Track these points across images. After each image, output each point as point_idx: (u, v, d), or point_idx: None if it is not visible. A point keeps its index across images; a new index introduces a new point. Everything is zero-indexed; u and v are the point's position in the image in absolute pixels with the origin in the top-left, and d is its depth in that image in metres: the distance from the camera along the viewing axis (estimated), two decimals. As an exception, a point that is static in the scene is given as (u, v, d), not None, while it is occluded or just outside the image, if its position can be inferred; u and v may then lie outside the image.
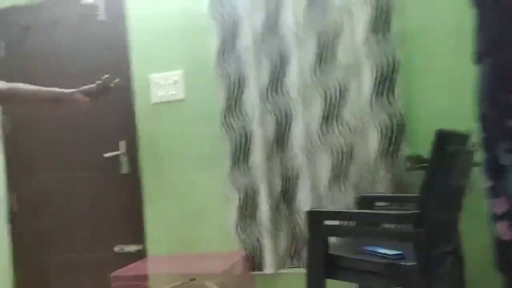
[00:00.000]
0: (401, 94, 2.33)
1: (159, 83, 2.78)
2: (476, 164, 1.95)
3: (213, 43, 2.62)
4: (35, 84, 1.93)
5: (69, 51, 3.02)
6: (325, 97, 2.45)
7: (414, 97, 2.37)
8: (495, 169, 0.92)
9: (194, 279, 2.48)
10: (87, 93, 1.83)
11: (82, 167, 3.01)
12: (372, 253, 1.80)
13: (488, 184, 0.95)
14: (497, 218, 0.93)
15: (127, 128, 2.89)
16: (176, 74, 2.76)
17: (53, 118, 3.05)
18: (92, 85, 1.84)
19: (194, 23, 2.71)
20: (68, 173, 3.04)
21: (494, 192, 0.93)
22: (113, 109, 2.88)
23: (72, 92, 1.82)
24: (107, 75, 1.83)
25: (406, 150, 2.32)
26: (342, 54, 2.41)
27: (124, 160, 2.90)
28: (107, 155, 2.88)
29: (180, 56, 2.76)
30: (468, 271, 2.03)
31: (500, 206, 0.93)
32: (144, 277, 2.54)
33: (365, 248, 1.85)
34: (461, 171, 1.74)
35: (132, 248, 2.89)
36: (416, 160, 2.16)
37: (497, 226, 0.93)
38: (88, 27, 2.98)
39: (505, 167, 0.90)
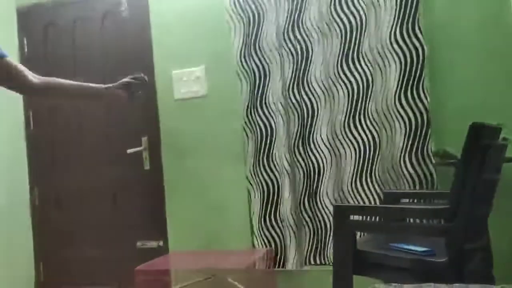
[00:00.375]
0: (428, 89, 2.30)
1: (182, 79, 2.78)
2: (507, 159, 1.92)
3: (235, 39, 2.62)
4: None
5: (93, 48, 3.05)
6: (350, 92, 2.43)
7: (441, 93, 2.34)
8: None
9: (214, 275, 2.48)
10: (122, 87, 1.83)
11: (104, 163, 3.03)
12: (399, 249, 1.78)
13: None
14: None
15: (149, 124, 2.91)
16: (198, 70, 2.76)
17: (76, 114, 3.08)
18: (125, 80, 1.84)
19: (216, 19, 2.71)
20: (91, 169, 3.07)
21: None
22: (135, 105, 2.89)
23: (107, 87, 1.82)
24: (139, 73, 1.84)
25: (432, 146, 2.29)
26: (368, 49, 2.39)
27: (146, 156, 2.92)
28: (129, 151, 2.89)
29: (203, 52, 2.76)
30: (497, 268, 2.00)
31: None
32: (167, 272, 2.54)
33: (391, 244, 1.83)
34: (493, 166, 1.72)
35: (154, 243, 2.91)
36: (443, 156, 2.13)
37: None
38: (112, 23, 3.00)
39: None
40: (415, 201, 2.27)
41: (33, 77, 1.74)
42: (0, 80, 1.71)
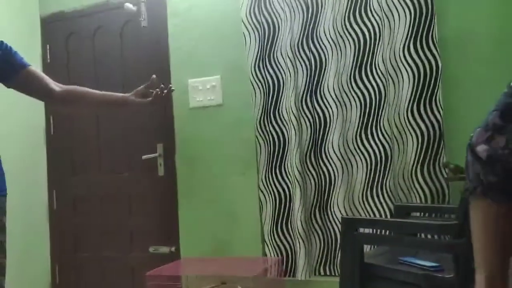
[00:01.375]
0: (442, 102, 2.29)
1: (197, 87, 2.83)
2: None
3: (250, 49, 2.66)
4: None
5: (112, 56, 3.13)
6: (363, 104, 2.44)
7: (455, 106, 2.32)
8: None
9: (225, 283, 2.50)
10: (143, 94, 1.83)
11: (120, 168, 3.10)
12: (408, 263, 1.77)
13: None
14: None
15: (165, 131, 2.96)
16: (214, 80, 2.80)
17: (94, 120, 3.16)
18: (139, 88, 1.84)
19: (232, 29, 2.75)
20: (107, 174, 3.14)
21: None
22: (152, 112, 2.95)
23: (129, 95, 1.83)
24: (153, 76, 1.83)
25: (445, 160, 2.27)
26: (381, 60, 2.39)
27: (161, 162, 2.97)
28: (145, 157, 2.95)
29: (218, 62, 2.81)
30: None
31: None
32: (178, 278, 2.58)
33: (400, 258, 1.83)
34: (503, 183, 1.70)
35: (166, 249, 2.95)
36: (455, 170, 2.11)
37: None
38: (131, 33, 3.07)
39: None
40: (426, 215, 2.26)
41: (55, 85, 1.77)
42: (24, 89, 1.76)
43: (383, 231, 2.14)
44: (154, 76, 1.82)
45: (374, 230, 2.18)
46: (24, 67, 1.71)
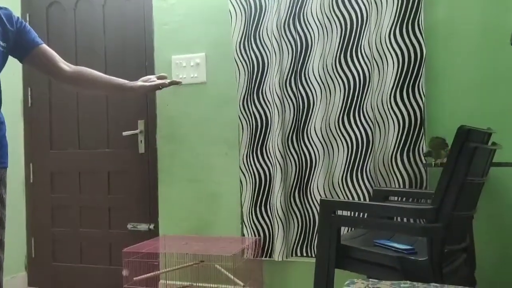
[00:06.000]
0: (424, 89, 2.30)
1: (181, 64, 2.79)
2: (495, 164, 1.93)
3: (236, 27, 2.63)
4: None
5: (94, 29, 3.06)
6: (347, 88, 2.44)
7: (437, 93, 2.34)
8: None
9: (203, 261, 2.51)
10: (145, 80, 1.87)
11: (100, 144, 3.06)
12: (383, 246, 1.80)
13: None
14: None
15: (146, 108, 2.92)
16: (198, 57, 2.77)
17: (74, 93, 3.09)
18: (149, 76, 1.88)
19: (218, 7, 2.70)
20: (86, 149, 3.10)
21: None
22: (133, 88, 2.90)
23: (133, 82, 1.87)
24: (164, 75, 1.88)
25: (425, 146, 2.30)
26: (367, 45, 2.39)
27: (141, 139, 2.93)
28: (125, 133, 2.91)
29: (203, 39, 2.77)
30: (479, 270, 2.02)
31: None
32: (155, 255, 2.57)
33: (375, 241, 1.86)
34: (479, 169, 1.73)
35: (144, 226, 2.94)
36: (440, 145, 2.10)
37: None
38: (115, 5, 3.00)
39: None
40: (404, 199, 2.29)
41: (65, 65, 1.82)
42: (35, 66, 1.82)
43: (361, 214, 2.16)
44: (165, 74, 1.89)
45: (352, 213, 2.20)
46: (37, 45, 1.75)
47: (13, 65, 1.81)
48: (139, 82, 1.87)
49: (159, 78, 1.86)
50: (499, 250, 2.26)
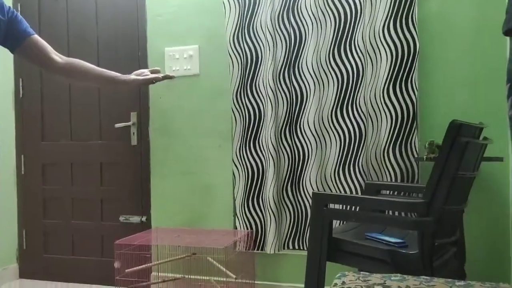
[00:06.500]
0: (417, 83, 2.31)
1: (174, 56, 2.78)
2: (486, 158, 1.95)
3: (230, 19, 2.61)
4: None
5: (87, 19, 3.02)
6: (340, 81, 2.44)
7: (430, 88, 2.35)
8: None
9: (195, 254, 2.52)
10: (139, 74, 1.87)
11: (92, 136, 3.04)
12: (374, 239, 1.82)
13: None
14: None
15: (139, 100, 2.91)
16: (191, 49, 2.75)
17: (66, 85, 3.07)
18: (142, 70, 1.88)
19: (212, -1, 2.69)
20: (78, 141, 3.08)
21: None
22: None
23: (126, 76, 1.86)
24: (158, 69, 1.88)
25: (417, 140, 2.31)
26: (361, 38, 2.39)
27: (134, 131, 2.92)
28: (117, 125, 2.90)
29: (197, 30, 2.75)
30: (469, 264, 2.04)
31: None
32: (147, 248, 2.58)
33: (367, 234, 1.87)
34: (470, 164, 1.74)
35: (137, 219, 2.93)
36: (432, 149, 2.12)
37: None
38: (107, -5, 2.97)
39: None
40: (395, 193, 2.31)
41: (57, 56, 1.80)
42: (26, 56, 1.79)
43: (353, 207, 2.17)
44: (158, 68, 1.90)
45: (344, 206, 2.21)
46: (29, 35, 1.73)
47: (4, 56, 1.80)
48: (132, 76, 1.86)
49: (152, 72, 1.87)
50: (489, 244, 2.28)
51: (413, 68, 2.31)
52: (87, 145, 3.05)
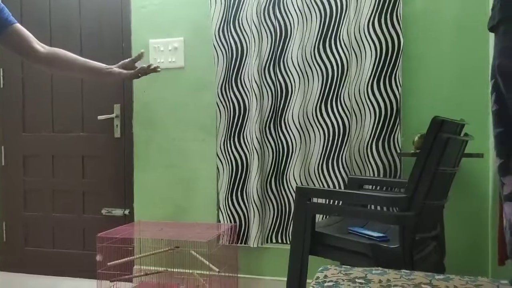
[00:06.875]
0: (401, 79, 2.33)
1: (159, 48, 2.75)
2: (467, 155, 1.98)
3: (216, 13, 2.60)
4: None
5: (70, 11, 2.97)
6: (325, 77, 2.45)
7: (413, 84, 2.38)
8: (507, 145, 0.86)
9: (178, 247, 2.51)
10: (126, 67, 1.84)
11: (74, 128, 3.00)
12: (356, 233, 1.84)
13: (499, 161, 0.87)
14: (505, 198, 0.86)
15: (123, 92, 2.88)
16: (177, 41, 2.73)
17: (48, 75, 3.02)
18: (126, 61, 1.84)
19: (198, -9, 2.67)
20: (59, 132, 3.03)
21: (504, 170, 0.86)
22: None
23: (114, 66, 1.83)
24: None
25: (399, 136, 2.34)
26: (346, 34, 2.40)
27: (117, 124, 2.89)
28: (100, 117, 2.86)
29: (182, 23, 2.73)
30: (448, 258, 2.08)
31: (509, 185, 0.85)
32: (130, 241, 2.56)
33: (349, 228, 1.89)
34: (451, 160, 1.77)
35: (119, 211, 2.91)
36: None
37: (505, 208, 0.86)
38: (90, -15, 2.92)
39: None
40: (378, 188, 2.33)
41: (40, 46, 1.77)
42: (8, 46, 1.74)
43: (336, 201, 2.19)
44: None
45: (327, 200, 2.23)
46: (10, 24, 1.70)
47: (-16, 45, 1.75)
48: (117, 69, 1.83)
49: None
50: (468, 239, 2.33)
51: (397, 65, 2.33)
52: (69, 137, 3.01)
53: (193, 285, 2.54)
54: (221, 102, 2.62)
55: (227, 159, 2.63)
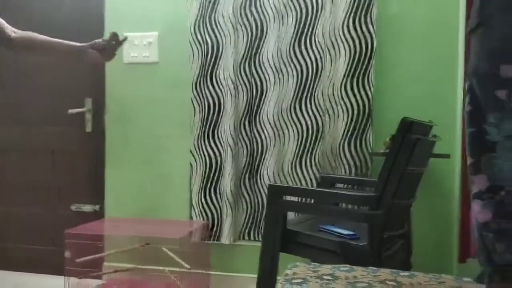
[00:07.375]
0: (373, 79, 2.37)
1: (133, 42, 2.71)
2: (435, 155, 2.03)
3: (192, 8, 2.58)
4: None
5: (44, 3, 2.90)
6: (300, 75, 2.46)
7: (385, 85, 2.42)
8: (479, 145, 0.88)
9: (148, 244, 2.49)
10: (97, 48, 1.83)
11: (45, 122, 2.93)
12: (327, 231, 1.86)
13: (470, 160, 0.90)
14: (474, 196, 0.89)
15: (95, 85, 2.83)
16: (151, 36, 2.70)
17: (16, 66, 2.94)
18: (99, 40, 1.84)
19: (174, -15, 2.64)
20: (28, 126, 2.96)
21: (475, 169, 0.89)
22: (82, 64, 2.79)
23: (84, 46, 1.81)
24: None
25: (371, 135, 2.38)
26: (321, 33, 2.42)
27: (89, 118, 2.84)
28: (71, 111, 2.80)
29: (157, 18, 2.70)
30: (415, 256, 2.13)
31: (479, 184, 0.88)
32: (100, 237, 2.52)
33: (320, 226, 1.91)
34: (420, 160, 1.81)
35: (89, 208, 2.86)
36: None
37: (473, 206, 0.89)
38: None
39: (490, 142, 0.85)
40: (349, 186, 2.37)
41: (11, 31, 1.74)
42: None
43: (307, 199, 2.21)
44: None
45: (299, 198, 2.25)
46: None
47: None
48: (93, 52, 1.84)
49: (111, 38, 1.85)
50: (434, 237, 2.39)
51: (370, 65, 2.37)
52: (38, 131, 2.94)
53: (164, 282, 2.53)
54: (196, 99, 2.61)
55: (201, 156, 2.62)
